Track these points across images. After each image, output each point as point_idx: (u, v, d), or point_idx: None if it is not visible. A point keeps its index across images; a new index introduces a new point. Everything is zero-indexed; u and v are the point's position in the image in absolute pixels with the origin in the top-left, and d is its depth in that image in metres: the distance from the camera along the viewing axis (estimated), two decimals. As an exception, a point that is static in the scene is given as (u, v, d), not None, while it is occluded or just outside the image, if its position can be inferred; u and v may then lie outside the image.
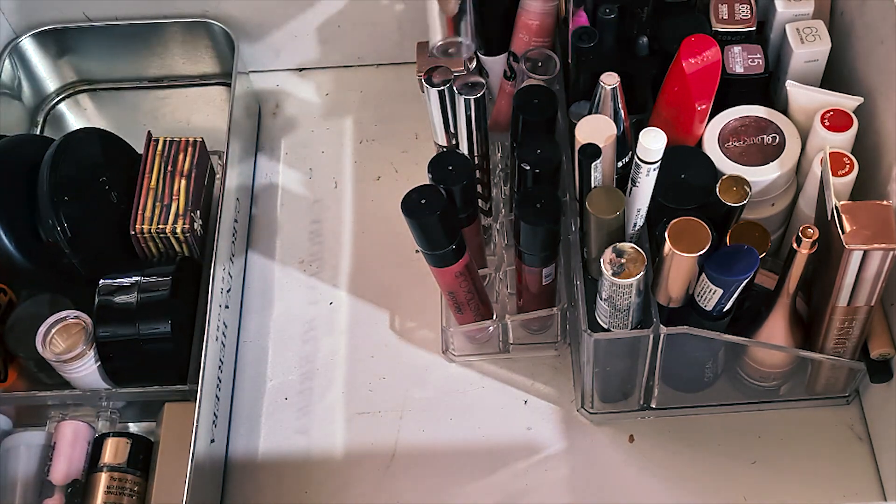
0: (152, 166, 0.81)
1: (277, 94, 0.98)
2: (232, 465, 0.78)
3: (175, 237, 0.79)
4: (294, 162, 0.94)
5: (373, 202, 0.90)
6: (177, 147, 0.82)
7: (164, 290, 0.76)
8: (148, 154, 0.82)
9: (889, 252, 0.61)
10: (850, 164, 0.66)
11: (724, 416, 0.77)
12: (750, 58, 0.71)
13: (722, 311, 0.66)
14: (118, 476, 0.73)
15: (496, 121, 0.83)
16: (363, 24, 0.95)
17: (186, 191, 0.80)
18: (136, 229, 0.79)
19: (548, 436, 0.78)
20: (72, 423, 0.76)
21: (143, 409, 0.79)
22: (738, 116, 0.71)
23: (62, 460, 0.74)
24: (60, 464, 0.74)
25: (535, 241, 0.70)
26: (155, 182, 0.81)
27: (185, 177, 0.81)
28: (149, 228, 0.79)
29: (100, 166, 0.82)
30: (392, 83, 0.97)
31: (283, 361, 0.83)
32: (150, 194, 0.80)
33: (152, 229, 0.79)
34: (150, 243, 0.80)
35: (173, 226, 0.79)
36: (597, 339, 0.68)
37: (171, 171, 0.81)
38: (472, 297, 0.76)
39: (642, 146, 0.62)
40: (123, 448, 0.74)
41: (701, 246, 0.62)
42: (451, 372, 0.81)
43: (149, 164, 0.82)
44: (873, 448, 0.75)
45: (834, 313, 0.67)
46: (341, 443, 0.79)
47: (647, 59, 0.73)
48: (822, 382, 0.75)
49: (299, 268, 0.87)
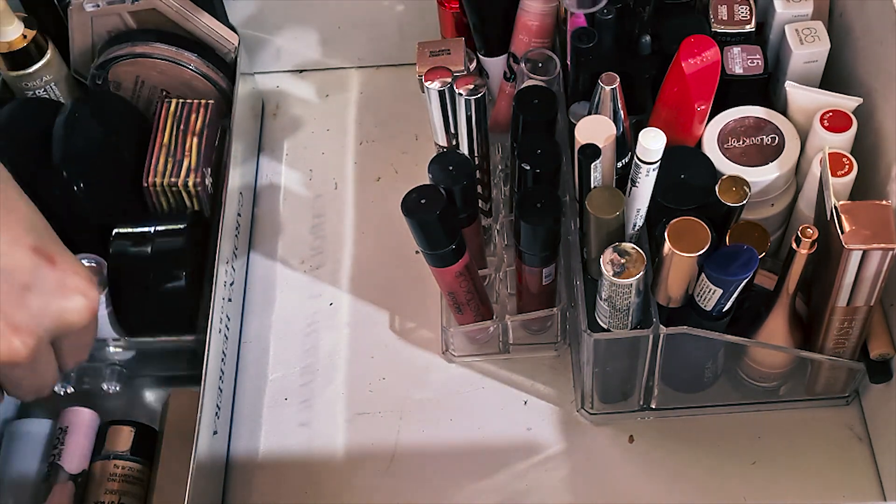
0: (164, 125, 0.83)
1: (278, 96, 0.98)
2: (233, 465, 0.79)
3: (187, 191, 0.80)
4: (294, 162, 0.94)
5: (373, 203, 0.91)
6: (189, 108, 0.84)
7: (178, 240, 0.77)
8: (161, 114, 0.84)
9: (888, 252, 0.62)
10: (850, 165, 0.66)
11: (724, 416, 0.77)
12: (749, 58, 0.72)
13: (722, 311, 0.66)
14: (122, 464, 0.74)
15: (496, 121, 0.84)
16: (363, 25, 0.95)
17: (199, 148, 0.82)
18: (148, 182, 0.80)
19: (548, 436, 0.78)
20: (81, 410, 0.76)
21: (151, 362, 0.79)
22: (737, 117, 0.71)
23: (76, 448, 0.74)
24: (74, 451, 0.74)
25: (535, 241, 0.70)
26: (168, 139, 0.82)
27: (196, 135, 0.82)
28: (161, 181, 0.80)
29: (112, 128, 0.82)
30: (392, 84, 0.98)
31: (283, 361, 0.83)
32: (163, 150, 0.81)
33: (165, 182, 0.79)
34: (161, 197, 0.81)
35: (185, 179, 0.80)
36: (597, 339, 0.68)
37: (183, 129, 0.82)
38: (472, 298, 0.76)
39: (642, 146, 0.62)
40: (127, 436, 0.74)
41: (700, 246, 0.62)
42: (451, 372, 0.81)
43: (161, 123, 0.83)
44: (873, 448, 0.75)
45: (833, 313, 0.67)
46: (341, 443, 0.79)
47: (646, 59, 0.73)
48: (821, 383, 0.75)
49: (300, 268, 0.88)
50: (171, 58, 0.85)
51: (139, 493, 0.74)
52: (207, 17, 0.86)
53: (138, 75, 0.86)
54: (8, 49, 0.84)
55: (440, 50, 0.76)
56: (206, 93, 0.87)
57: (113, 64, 0.85)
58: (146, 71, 0.86)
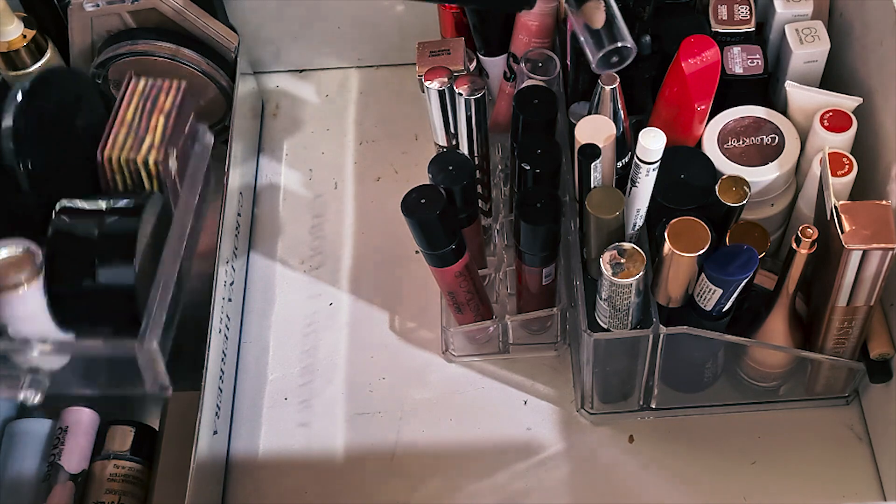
0: (129, 102, 0.73)
1: (278, 95, 0.98)
2: (233, 465, 0.79)
3: (147, 170, 0.70)
4: (294, 162, 0.94)
5: (373, 203, 0.91)
6: (159, 88, 0.74)
7: (132, 223, 0.65)
8: (127, 90, 0.74)
9: (888, 252, 0.62)
10: (850, 165, 0.66)
11: (724, 416, 0.77)
12: (749, 58, 0.72)
13: (721, 311, 0.66)
14: (122, 464, 0.74)
15: (496, 122, 0.84)
16: (363, 25, 0.95)
17: (164, 126, 0.71)
18: (103, 156, 0.70)
19: (548, 436, 0.78)
20: (82, 410, 0.76)
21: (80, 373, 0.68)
22: (737, 117, 0.71)
23: (76, 448, 0.74)
24: (74, 451, 0.74)
25: (535, 241, 0.70)
26: (132, 116, 0.72)
27: (164, 114, 0.72)
28: (118, 156, 0.70)
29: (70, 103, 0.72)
30: (392, 84, 0.98)
31: (283, 361, 0.83)
32: (125, 126, 0.72)
33: (122, 156, 0.69)
34: (117, 175, 0.71)
35: (146, 156, 0.70)
36: (597, 339, 0.68)
37: (150, 107, 0.73)
38: (472, 298, 0.76)
39: (642, 146, 0.62)
40: (127, 436, 0.74)
41: (700, 246, 0.62)
42: (451, 372, 0.81)
43: (126, 99, 0.73)
44: (873, 448, 0.75)
45: (833, 313, 0.67)
46: (341, 443, 0.79)
47: (646, 59, 0.73)
48: (821, 383, 0.75)
49: (300, 268, 0.88)
50: (172, 56, 0.85)
51: (139, 494, 0.73)
52: (207, 17, 0.86)
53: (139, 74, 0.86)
54: (7, 49, 0.84)
55: (440, 50, 0.76)
56: (207, 91, 0.87)
57: (113, 62, 0.85)
58: (146, 69, 0.86)
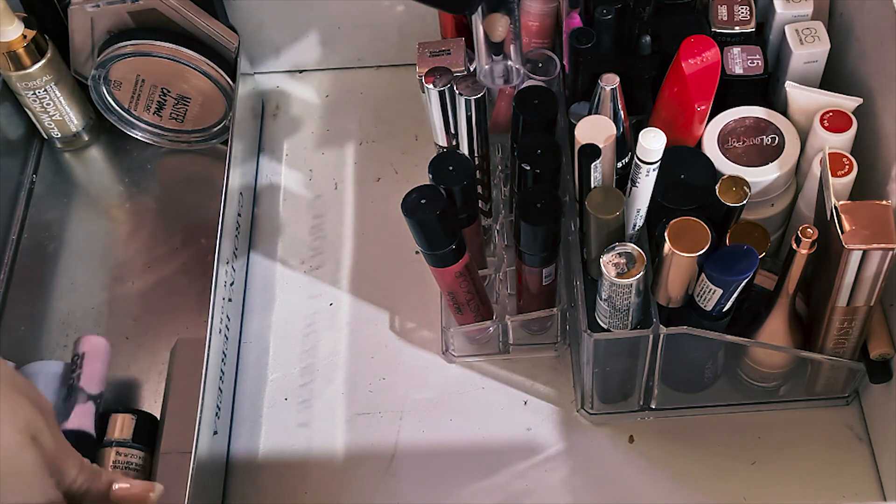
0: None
1: (278, 96, 0.98)
2: (233, 465, 0.79)
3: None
4: (294, 163, 0.94)
5: (373, 203, 0.91)
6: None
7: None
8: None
9: (888, 252, 0.62)
10: (850, 165, 0.66)
11: (723, 416, 0.77)
12: (749, 59, 0.72)
13: (722, 312, 0.66)
14: (124, 451, 0.74)
15: (496, 122, 0.83)
16: (363, 25, 0.95)
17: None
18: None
19: (548, 436, 0.78)
20: (96, 338, 0.78)
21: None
22: (737, 117, 0.71)
23: (94, 372, 0.76)
24: (91, 374, 0.75)
25: (535, 242, 0.70)
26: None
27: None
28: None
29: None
30: (392, 85, 0.98)
31: (283, 361, 0.83)
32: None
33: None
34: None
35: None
36: (597, 339, 0.68)
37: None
38: (472, 298, 0.76)
39: (642, 146, 0.62)
40: (129, 424, 0.75)
41: (700, 246, 0.62)
42: (451, 372, 0.81)
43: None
44: (873, 448, 0.75)
45: (833, 313, 0.67)
46: (341, 443, 0.79)
47: (646, 59, 0.73)
48: (821, 383, 0.75)
49: (300, 268, 0.88)
50: (172, 55, 0.85)
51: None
52: (207, 18, 0.86)
53: (139, 73, 0.87)
54: (8, 49, 0.84)
55: (440, 50, 0.76)
56: (208, 91, 0.87)
57: (113, 62, 0.85)
58: (147, 69, 0.86)
